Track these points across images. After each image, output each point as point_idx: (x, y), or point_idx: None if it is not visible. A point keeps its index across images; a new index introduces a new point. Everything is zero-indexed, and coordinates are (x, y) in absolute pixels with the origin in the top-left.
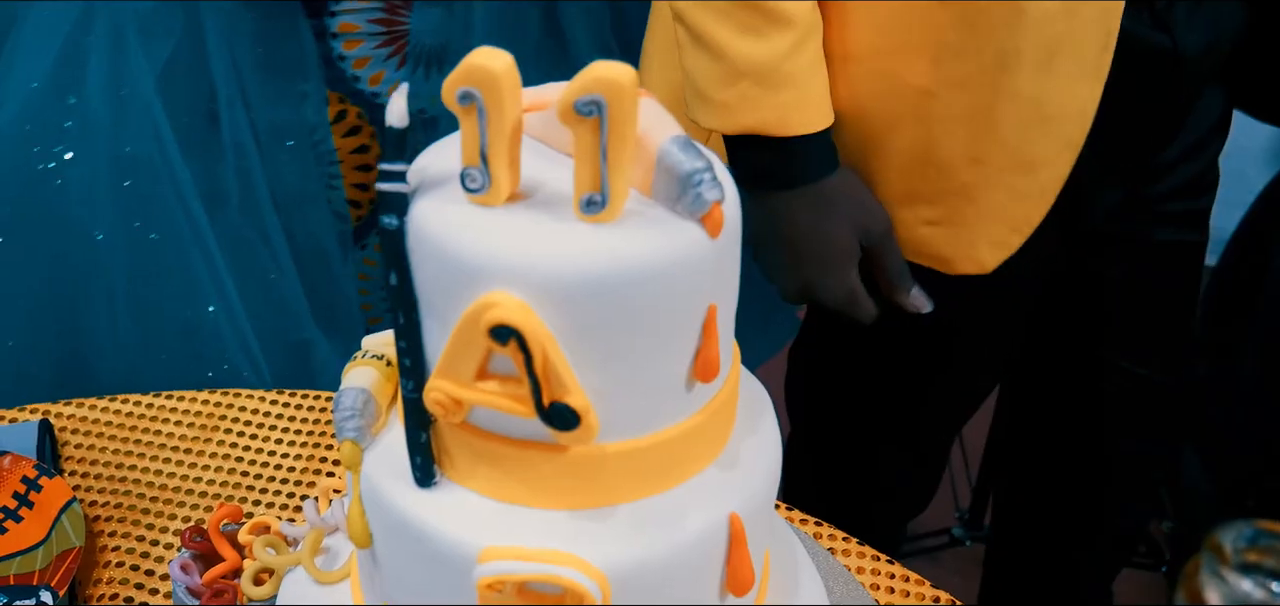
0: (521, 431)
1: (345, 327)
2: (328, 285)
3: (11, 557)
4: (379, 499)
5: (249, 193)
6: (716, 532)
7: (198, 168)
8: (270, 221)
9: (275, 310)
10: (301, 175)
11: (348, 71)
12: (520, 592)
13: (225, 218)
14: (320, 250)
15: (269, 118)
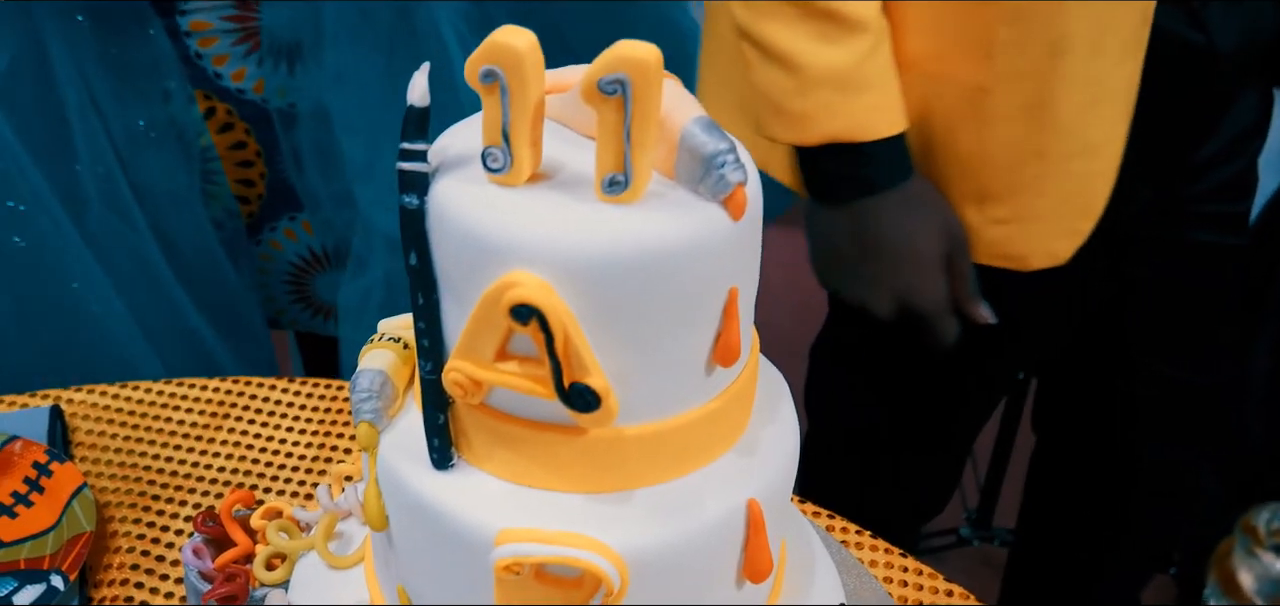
0: (540, 413)
1: (241, 322)
2: (215, 280)
3: (22, 542)
4: (396, 481)
5: (113, 193)
6: (735, 519)
7: (53, 171)
8: (138, 219)
9: (156, 301)
10: (170, 173)
11: (209, 69)
12: (538, 575)
13: (90, 216)
14: (204, 247)
15: (129, 119)
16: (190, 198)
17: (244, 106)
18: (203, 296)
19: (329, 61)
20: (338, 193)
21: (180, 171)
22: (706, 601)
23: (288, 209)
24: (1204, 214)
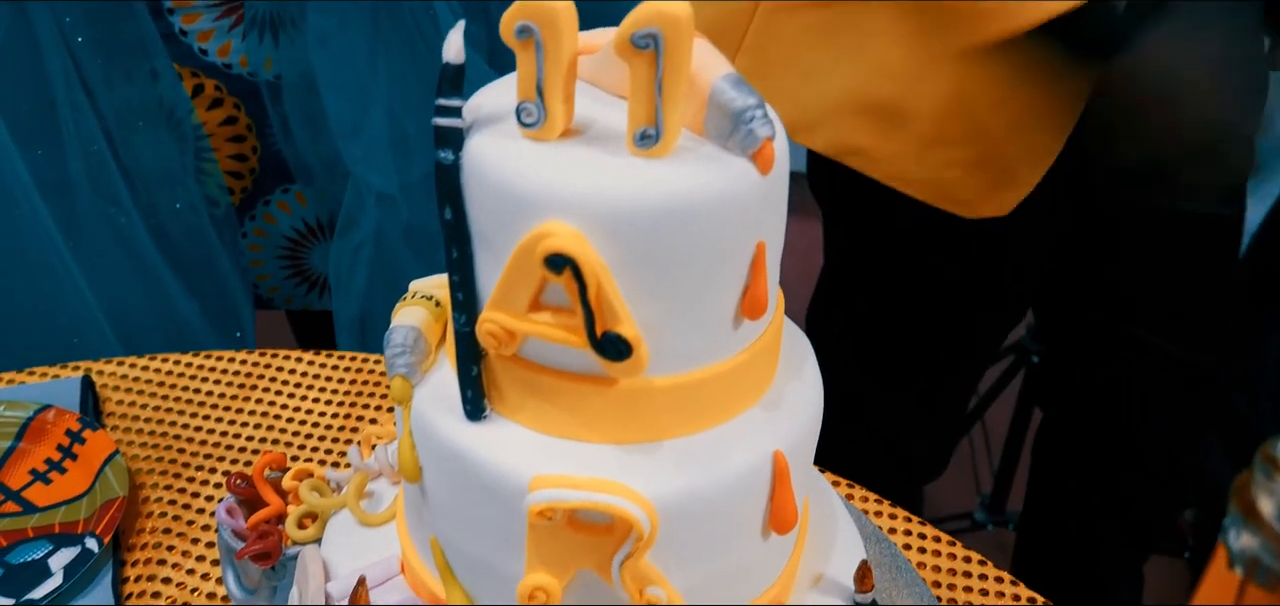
0: (572, 364)
1: (228, 302)
2: (206, 263)
3: (57, 507)
4: (430, 432)
5: (102, 176)
6: (761, 470)
7: (39, 157)
8: (128, 203)
9: (144, 290)
10: (161, 153)
11: (194, 46)
12: (569, 522)
13: (76, 202)
14: (194, 228)
15: (117, 100)
16: (183, 177)
17: (232, 81)
18: (191, 280)
19: (312, 25)
20: (327, 158)
21: (172, 151)
22: (733, 550)
23: (281, 182)
24: (1201, 182)
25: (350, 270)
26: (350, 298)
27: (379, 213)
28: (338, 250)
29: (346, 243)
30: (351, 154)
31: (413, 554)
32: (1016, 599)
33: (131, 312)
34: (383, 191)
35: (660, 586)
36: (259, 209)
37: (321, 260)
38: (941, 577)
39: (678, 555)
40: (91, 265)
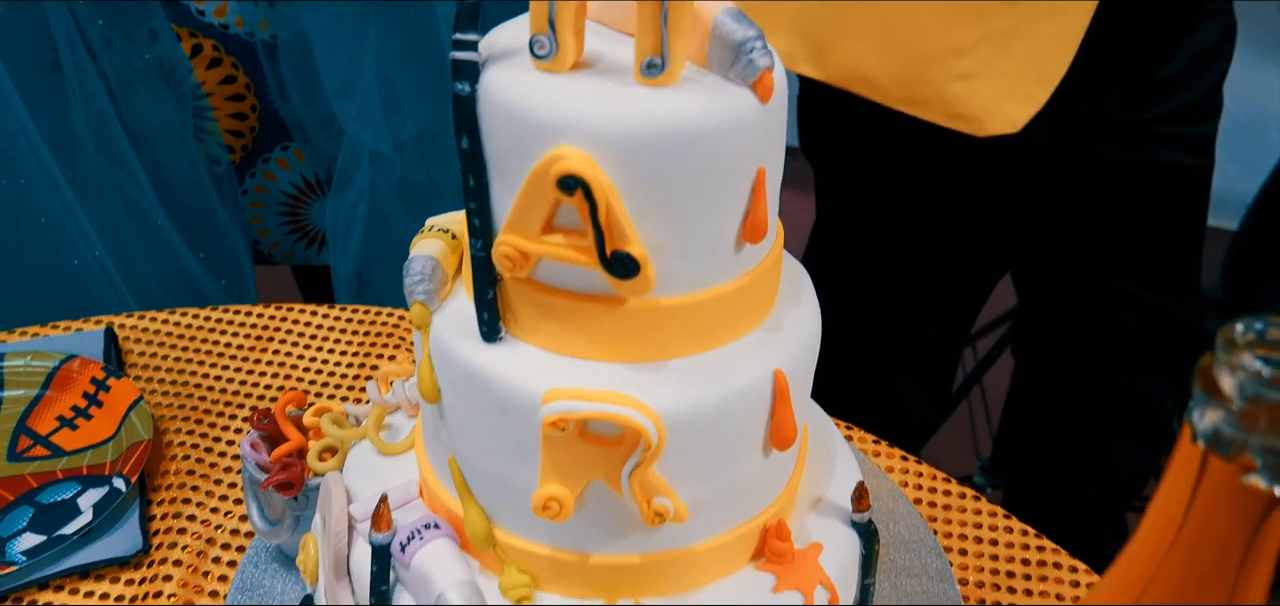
0: (582, 285)
1: (230, 258)
2: (207, 218)
3: (84, 450)
4: (448, 354)
5: (105, 135)
6: (762, 387)
7: (45, 117)
8: (131, 160)
9: (147, 245)
10: (161, 113)
11: (192, 7)
12: (581, 433)
13: (82, 160)
14: (196, 184)
15: (118, 59)
16: (184, 136)
17: (230, 41)
18: (193, 236)
19: None
20: (322, 117)
21: (172, 111)
22: (736, 465)
23: (279, 139)
24: (1169, 135)
25: (346, 227)
26: (347, 254)
27: (373, 171)
28: (333, 208)
29: (341, 201)
30: (345, 113)
31: (431, 475)
32: (1009, 530)
33: (139, 267)
34: (376, 150)
35: (667, 496)
36: (259, 166)
37: (320, 215)
38: (937, 513)
39: (683, 468)
40: (100, 221)
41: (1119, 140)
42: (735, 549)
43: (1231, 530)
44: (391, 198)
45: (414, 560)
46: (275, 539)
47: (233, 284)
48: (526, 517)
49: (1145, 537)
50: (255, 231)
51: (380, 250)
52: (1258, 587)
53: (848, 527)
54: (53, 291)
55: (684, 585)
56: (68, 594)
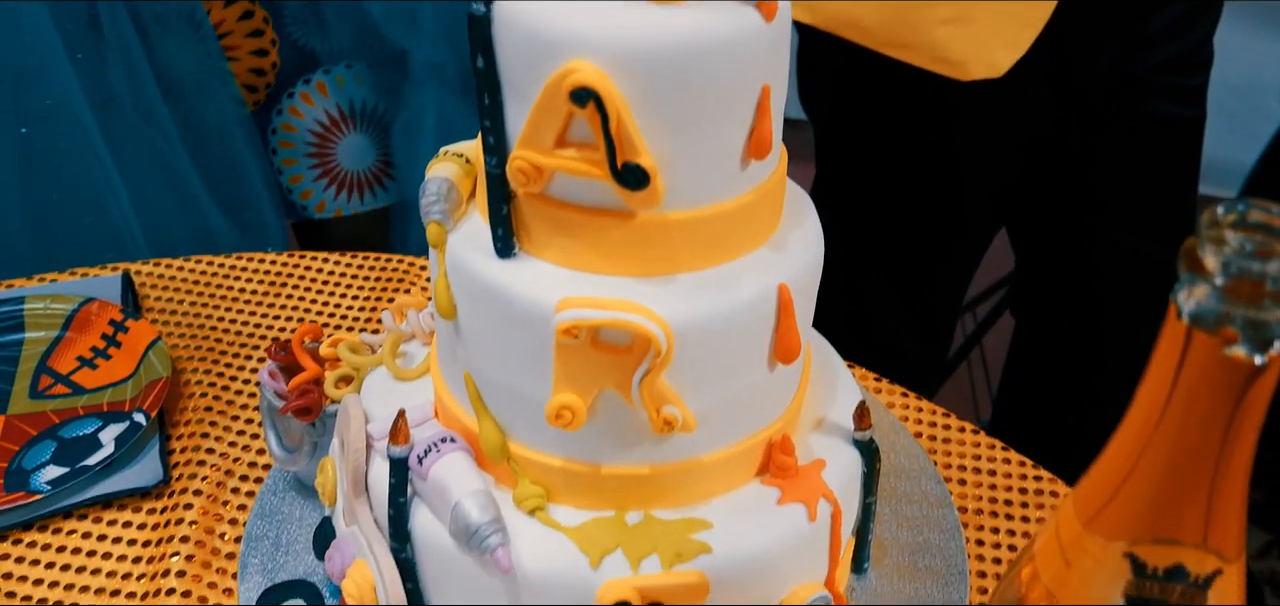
0: (594, 199)
1: (251, 207)
2: (228, 167)
3: (104, 389)
4: (463, 269)
5: (139, 90)
6: (767, 300)
7: (86, 75)
8: (163, 115)
9: (176, 205)
10: (191, 59)
11: None
12: (593, 342)
13: (118, 118)
14: (221, 132)
15: (150, 8)
16: (209, 82)
17: None
18: (219, 190)
19: None
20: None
21: (196, 54)
22: (742, 376)
23: (302, 72)
24: (1161, 85)
25: (412, 148)
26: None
27: (437, 87)
28: (397, 130)
29: (403, 121)
30: (395, 32)
31: (446, 393)
32: (1007, 461)
33: (166, 228)
34: (435, 62)
35: (676, 405)
36: (284, 102)
37: (347, 155)
38: (937, 447)
39: (691, 378)
40: (131, 181)
41: (1112, 91)
42: (741, 462)
43: (1216, 402)
44: (454, 106)
45: (431, 472)
46: (293, 466)
47: (256, 238)
48: (540, 429)
49: (1133, 419)
50: (287, 176)
51: None
52: (1241, 458)
53: (850, 446)
54: (77, 247)
55: (692, 497)
56: (91, 522)
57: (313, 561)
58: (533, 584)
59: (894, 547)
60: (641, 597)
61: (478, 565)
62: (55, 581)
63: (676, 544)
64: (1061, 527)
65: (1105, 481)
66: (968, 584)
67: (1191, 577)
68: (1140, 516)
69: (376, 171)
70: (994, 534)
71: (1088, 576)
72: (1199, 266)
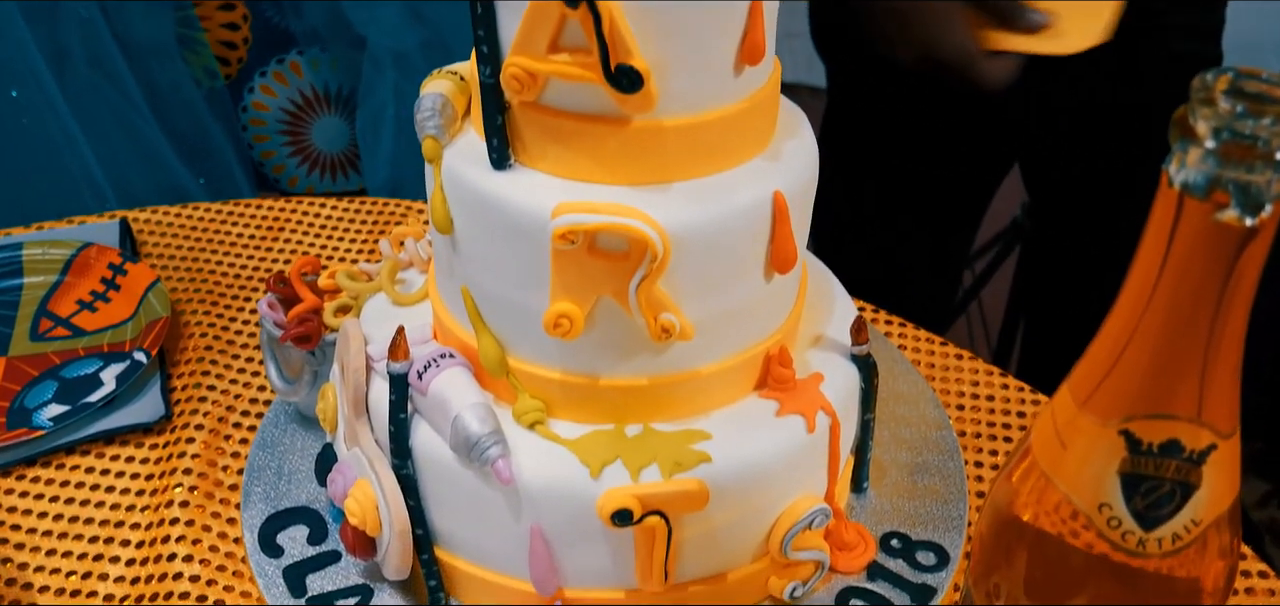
0: (588, 105)
1: (226, 179)
2: (201, 138)
3: (104, 330)
4: (460, 182)
5: (96, 48)
6: (762, 207)
7: (39, 30)
8: (125, 77)
9: (139, 156)
10: (152, 25)
11: None
12: (589, 248)
13: (74, 74)
14: (188, 101)
15: None
16: (181, 49)
17: None
18: (191, 158)
19: None
20: (338, 21)
21: (161, 23)
22: (739, 286)
23: (275, 52)
24: (1177, 24)
25: (375, 135)
26: (379, 162)
27: (397, 74)
28: (361, 120)
29: (367, 110)
30: (359, 17)
31: (444, 313)
32: (1005, 387)
33: (134, 186)
34: (399, 51)
35: (673, 313)
36: (256, 80)
37: (323, 136)
38: (935, 374)
39: (688, 286)
40: (94, 137)
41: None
42: (739, 374)
43: (1208, 271)
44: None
45: (431, 386)
46: (294, 397)
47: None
48: (538, 342)
49: (1127, 296)
50: (258, 152)
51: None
52: (1234, 330)
53: (847, 361)
54: (44, 202)
55: (691, 409)
56: (94, 458)
57: (315, 489)
58: (533, 495)
59: (893, 468)
60: (642, 506)
61: (478, 478)
62: (59, 513)
63: (676, 454)
64: (1057, 412)
65: (1100, 360)
66: (967, 502)
67: (1186, 452)
68: (1134, 392)
69: (350, 154)
70: (992, 455)
71: (1083, 456)
72: (1191, 132)
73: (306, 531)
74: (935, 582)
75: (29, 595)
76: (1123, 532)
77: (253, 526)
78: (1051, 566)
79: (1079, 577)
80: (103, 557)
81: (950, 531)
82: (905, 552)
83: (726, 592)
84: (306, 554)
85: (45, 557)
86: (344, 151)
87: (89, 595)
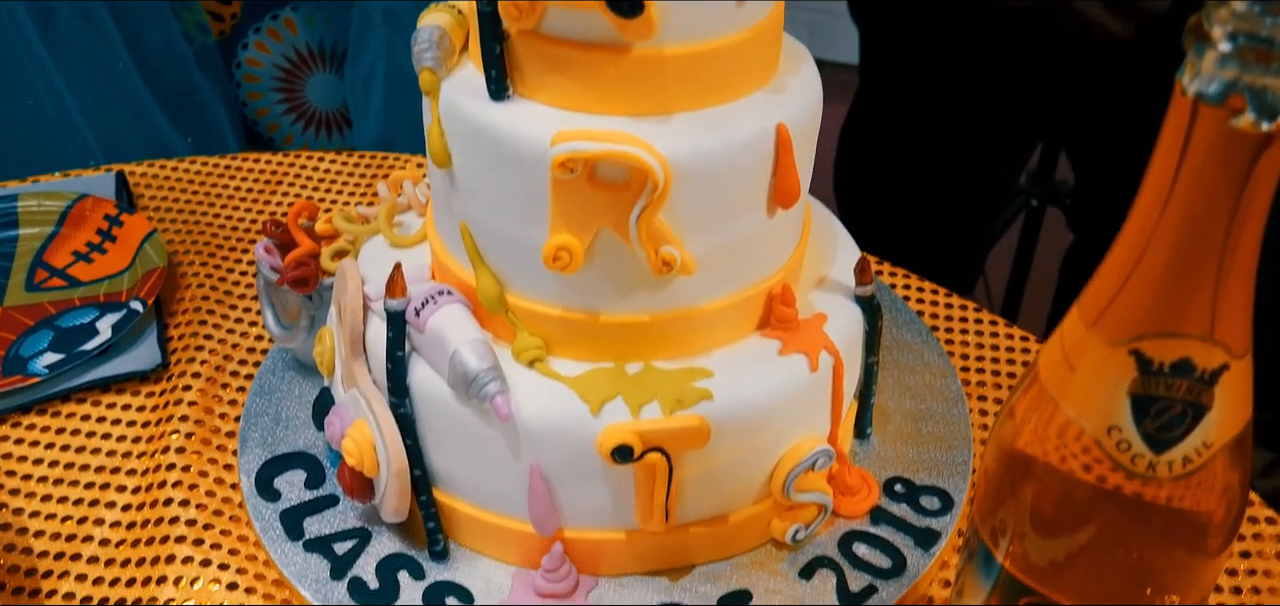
0: (588, 32)
1: (210, 127)
2: (189, 95)
3: (100, 281)
4: (458, 114)
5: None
6: (765, 139)
7: None
8: (111, 27)
9: (127, 113)
10: None
11: None
12: (589, 177)
13: (61, 28)
14: (177, 58)
15: None
16: (162, 7)
17: None
18: (178, 116)
19: None
20: None
21: None
22: (741, 220)
23: (269, 8)
24: None
25: (365, 94)
26: (369, 120)
27: (387, 30)
28: (351, 78)
29: (358, 68)
30: None
31: (442, 251)
32: (1010, 337)
33: (121, 142)
34: (389, 7)
35: (674, 246)
36: (250, 36)
37: (319, 92)
38: (939, 323)
39: (689, 219)
40: (80, 93)
41: None
42: (741, 312)
43: (1222, 181)
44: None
45: (429, 323)
46: (291, 343)
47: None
48: (538, 278)
49: (1138, 213)
50: (253, 110)
51: (404, 113)
52: (1248, 245)
53: (851, 302)
54: (28, 158)
55: (692, 347)
56: (90, 405)
57: (313, 435)
58: (532, 432)
59: (897, 415)
60: (643, 442)
61: (477, 416)
62: (55, 460)
63: (677, 390)
64: (1065, 335)
65: (1110, 279)
66: (972, 450)
67: (1198, 372)
68: (1146, 310)
69: (345, 111)
70: (997, 404)
71: (1092, 379)
72: (1206, 37)
73: (304, 476)
74: (939, 527)
75: (24, 540)
76: (1132, 456)
77: (250, 471)
78: (1058, 499)
79: (1085, 510)
80: (99, 503)
81: (955, 477)
82: (909, 497)
83: (728, 534)
84: (304, 498)
85: (40, 503)
86: (339, 109)
87: (85, 540)
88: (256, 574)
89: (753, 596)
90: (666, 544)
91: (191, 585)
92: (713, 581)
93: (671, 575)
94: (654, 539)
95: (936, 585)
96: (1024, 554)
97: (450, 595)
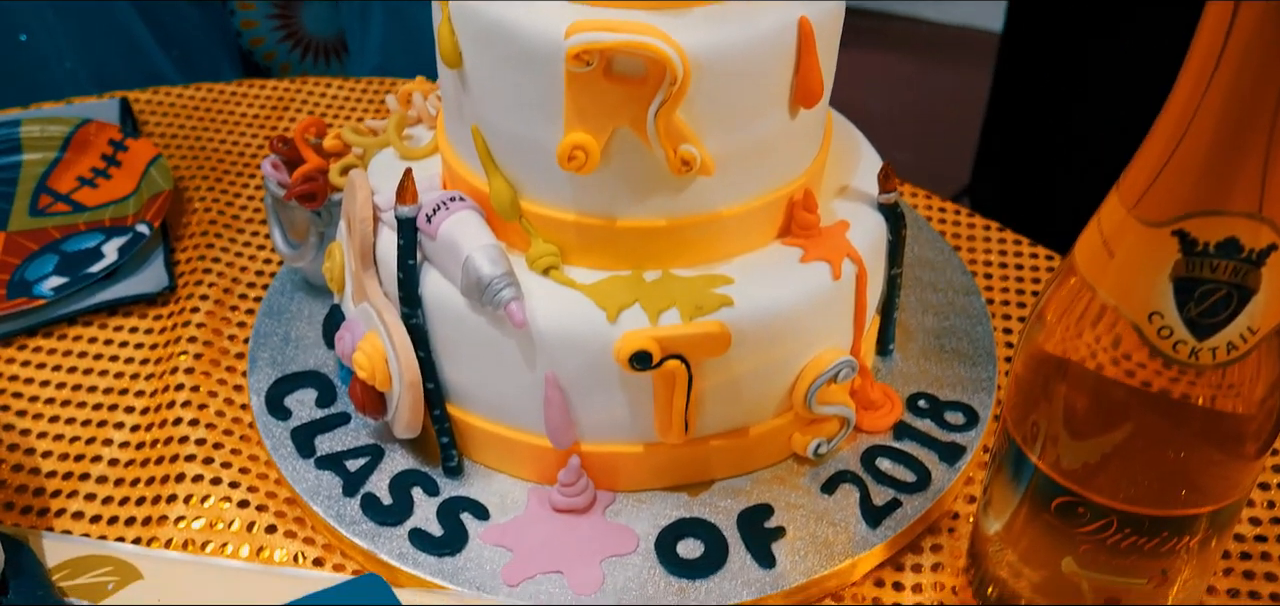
0: None
1: (203, 57)
2: (177, 17)
3: (105, 206)
4: (468, 10)
5: None
6: (787, 33)
7: None
8: None
9: (117, 43)
10: None
11: None
12: (605, 72)
13: None
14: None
15: None
16: None
17: None
18: (168, 41)
19: None
20: None
21: None
22: (762, 119)
23: None
24: None
25: (363, 22)
26: (368, 50)
27: None
28: (347, 10)
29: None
30: None
31: (454, 157)
32: (1034, 256)
33: (109, 68)
34: None
35: (693, 144)
36: None
37: (315, 20)
38: (961, 244)
39: (709, 117)
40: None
41: None
42: (762, 218)
43: (1273, 47)
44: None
45: (441, 229)
46: (299, 262)
47: None
48: (552, 182)
49: (1181, 87)
50: (248, 38)
51: (403, 42)
52: None
53: (874, 211)
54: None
55: (711, 254)
56: (97, 328)
57: (323, 354)
58: (547, 340)
59: (920, 333)
60: (661, 349)
61: (490, 324)
62: (62, 383)
63: (697, 297)
64: (1104, 220)
65: (1152, 158)
66: (996, 367)
67: (1245, 252)
68: (1190, 187)
69: (342, 39)
70: (1021, 322)
71: (1133, 263)
72: None
73: (315, 395)
74: (965, 442)
75: (32, 460)
76: (1174, 343)
77: (259, 390)
78: (1092, 398)
79: (1120, 409)
80: (107, 424)
81: (979, 393)
82: (933, 413)
83: (749, 447)
84: (315, 416)
85: (48, 424)
86: (335, 36)
87: (93, 459)
88: (268, 492)
89: (774, 511)
90: (685, 457)
91: (202, 503)
92: (733, 496)
93: (691, 489)
94: (673, 452)
95: (961, 500)
96: (1057, 457)
97: (465, 511)
